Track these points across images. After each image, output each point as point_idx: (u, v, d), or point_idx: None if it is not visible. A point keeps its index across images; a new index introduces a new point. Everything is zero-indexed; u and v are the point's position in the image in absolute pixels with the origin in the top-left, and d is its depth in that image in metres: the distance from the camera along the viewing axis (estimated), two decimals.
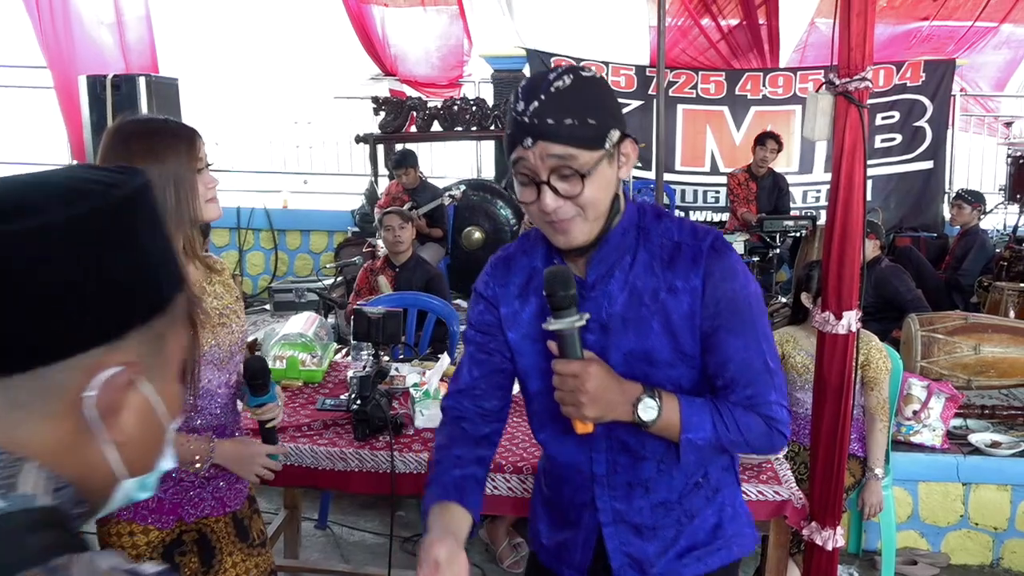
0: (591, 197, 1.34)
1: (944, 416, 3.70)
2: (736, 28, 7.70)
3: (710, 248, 1.43)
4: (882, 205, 7.58)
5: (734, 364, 1.43)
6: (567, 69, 1.36)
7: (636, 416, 1.37)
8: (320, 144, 8.92)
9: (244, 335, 1.96)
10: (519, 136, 1.33)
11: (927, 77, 7.67)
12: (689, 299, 1.41)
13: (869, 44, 1.99)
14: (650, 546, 1.54)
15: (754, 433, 1.43)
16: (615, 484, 1.52)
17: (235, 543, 1.96)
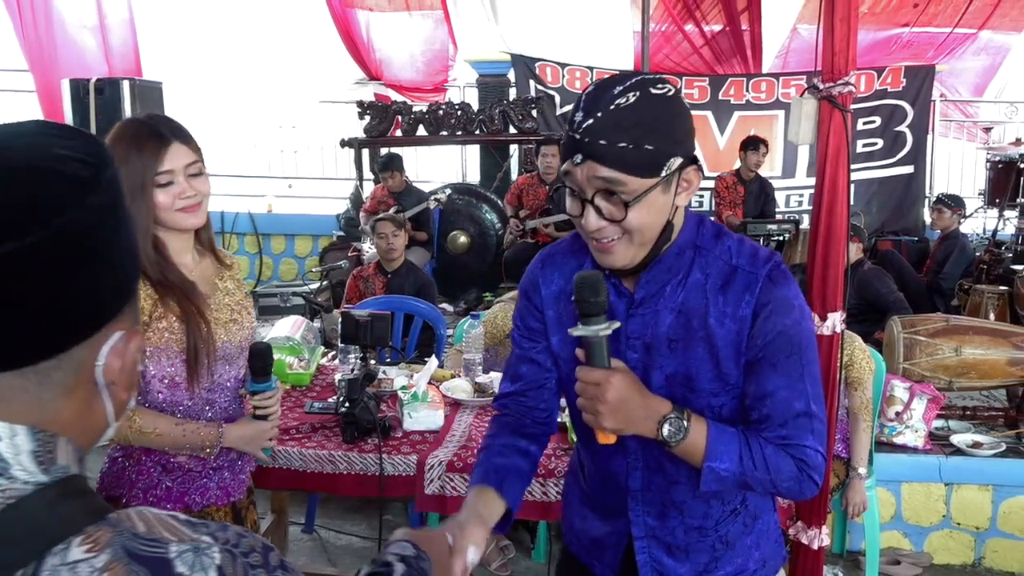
0: (636, 224, 1.28)
1: (926, 417, 3.74)
2: (719, 34, 7.77)
3: (767, 277, 1.35)
4: (864, 209, 7.66)
5: (773, 400, 1.35)
6: (637, 84, 1.26)
7: (659, 434, 1.31)
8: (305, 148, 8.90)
9: (252, 331, 1.99)
10: (570, 150, 1.28)
11: (907, 83, 7.76)
12: (737, 327, 1.35)
13: (852, 49, 2.02)
14: (682, 567, 1.50)
15: (783, 475, 1.34)
16: (650, 501, 1.48)
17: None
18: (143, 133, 1.75)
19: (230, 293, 1.93)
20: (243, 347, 1.93)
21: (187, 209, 1.78)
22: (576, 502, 1.64)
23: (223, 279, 1.94)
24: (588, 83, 8.08)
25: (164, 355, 1.80)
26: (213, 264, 1.94)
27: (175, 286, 1.79)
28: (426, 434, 2.60)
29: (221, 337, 1.86)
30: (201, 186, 1.81)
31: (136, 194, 1.71)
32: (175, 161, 1.75)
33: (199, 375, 1.81)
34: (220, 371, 1.89)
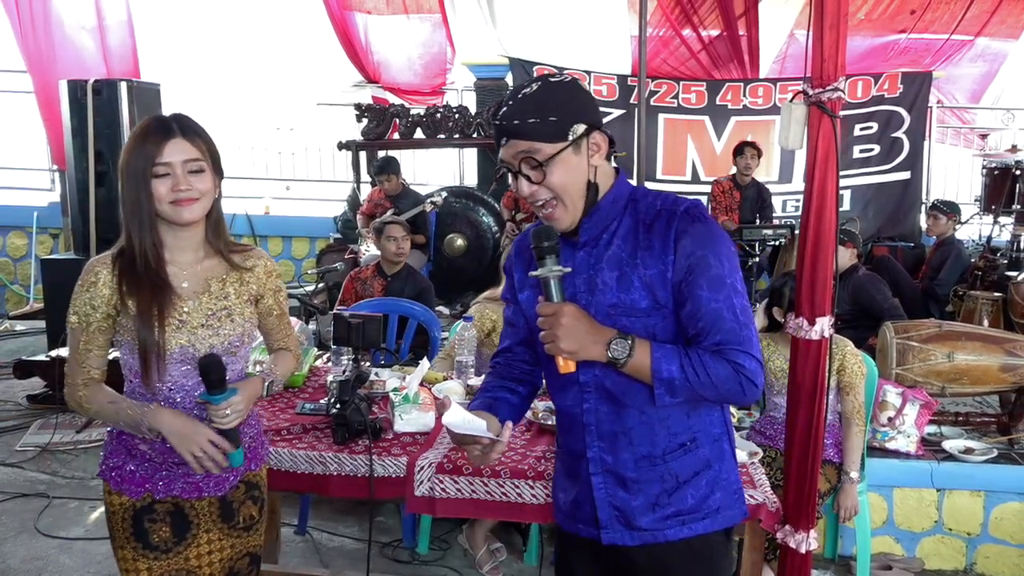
0: (557, 182, 1.58)
1: (918, 423, 3.75)
2: (717, 39, 7.78)
3: (684, 212, 1.60)
4: (860, 215, 7.68)
5: (704, 314, 1.56)
6: (539, 77, 1.63)
7: (609, 354, 1.53)
8: (302, 150, 8.90)
9: (239, 338, 1.95)
10: (496, 137, 1.62)
11: (904, 89, 7.78)
12: (663, 255, 1.58)
13: (842, 55, 2.03)
14: (634, 500, 1.66)
15: (721, 377, 1.54)
16: (602, 434, 1.67)
17: (215, 522, 1.98)
18: (152, 126, 1.83)
19: (220, 298, 1.92)
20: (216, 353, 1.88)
21: (180, 202, 1.81)
22: (559, 477, 1.84)
23: (225, 283, 1.93)
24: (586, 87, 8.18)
25: (127, 347, 1.88)
26: (221, 266, 1.94)
27: (146, 284, 1.83)
28: (417, 436, 2.60)
29: (180, 341, 1.86)
30: (199, 183, 1.83)
31: (138, 182, 1.81)
32: (174, 155, 1.80)
33: (150, 373, 1.84)
34: (179, 372, 1.88)
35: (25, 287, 8.26)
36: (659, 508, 1.65)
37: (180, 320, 1.85)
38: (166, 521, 1.93)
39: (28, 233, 8.25)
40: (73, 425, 4.83)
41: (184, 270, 1.89)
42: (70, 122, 5.82)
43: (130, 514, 1.91)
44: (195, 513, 1.96)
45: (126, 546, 1.92)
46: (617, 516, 1.68)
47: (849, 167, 7.89)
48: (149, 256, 1.84)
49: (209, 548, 1.97)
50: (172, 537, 1.93)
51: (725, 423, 1.74)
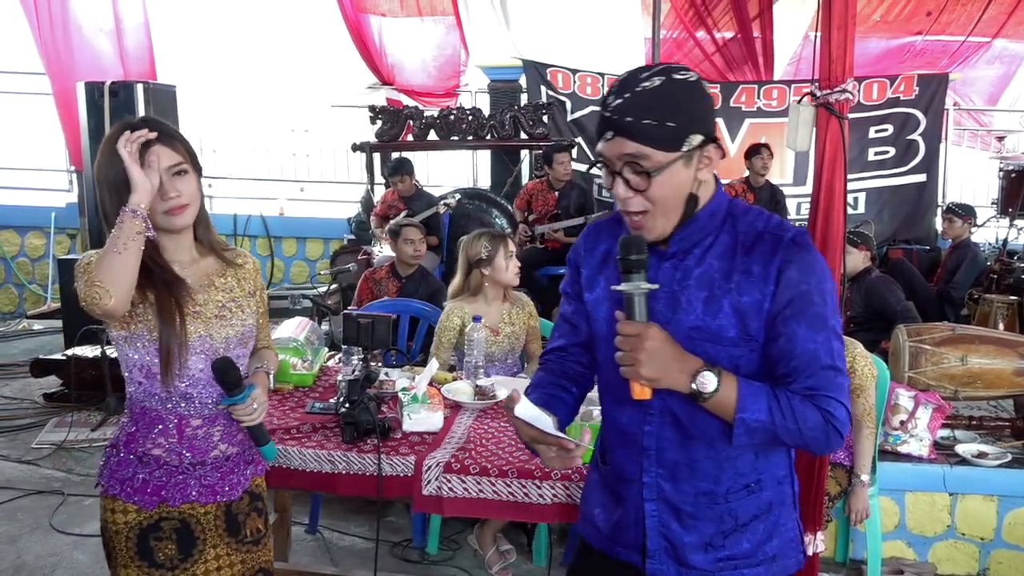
0: (658, 195, 1.43)
1: (931, 426, 3.72)
2: (731, 41, 7.77)
3: (791, 240, 1.47)
4: (875, 217, 7.63)
5: (799, 354, 1.45)
6: (662, 70, 1.43)
7: (693, 387, 1.40)
8: (317, 152, 8.95)
9: (248, 331, 1.98)
10: (602, 128, 1.45)
11: (920, 91, 7.73)
12: (762, 284, 1.46)
13: (850, 57, 2.03)
14: (688, 536, 1.55)
15: (810, 425, 1.43)
16: (663, 461, 1.55)
17: (222, 536, 1.95)
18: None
19: (226, 290, 1.95)
20: (229, 345, 1.93)
21: (172, 211, 1.82)
22: (595, 493, 1.71)
23: (225, 277, 1.96)
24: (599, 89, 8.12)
25: (140, 342, 1.84)
26: (216, 263, 1.97)
27: (157, 278, 1.83)
28: (425, 435, 2.61)
29: (199, 331, 1.87)
30: (184, 186, 1.82)
31: (120, 193, 1.76)
32: (161, 160, 1.79)
33: (171, 367, 1.83)
34: (198, 366, 1.88)
35: (43, 287, 8.34)
36: (712, 549, 1.55)
37: (195, 311, 1.87)
38: (171, 538, 1.89)
39: (46, 233, 8.34)
40: (88, 423, 4.88)
41: (185, 268, 1.91)
42: (87, 123, 5.89)
43: (135, 533, 1.88)
44: (201, 528, 1.92)
45: (130, 565, 1.89)
46: (667, 548, 1.57)
47: (864, 169, 7.85)
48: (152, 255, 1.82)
49: (218, 564, 1.94)
50: (178, 554, 1.90)
51: (790, 466, 1.63)
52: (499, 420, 2.78)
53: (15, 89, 8.67)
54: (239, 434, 1.99)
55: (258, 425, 1.93)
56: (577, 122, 8.00)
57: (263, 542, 2.04)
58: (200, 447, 1.92)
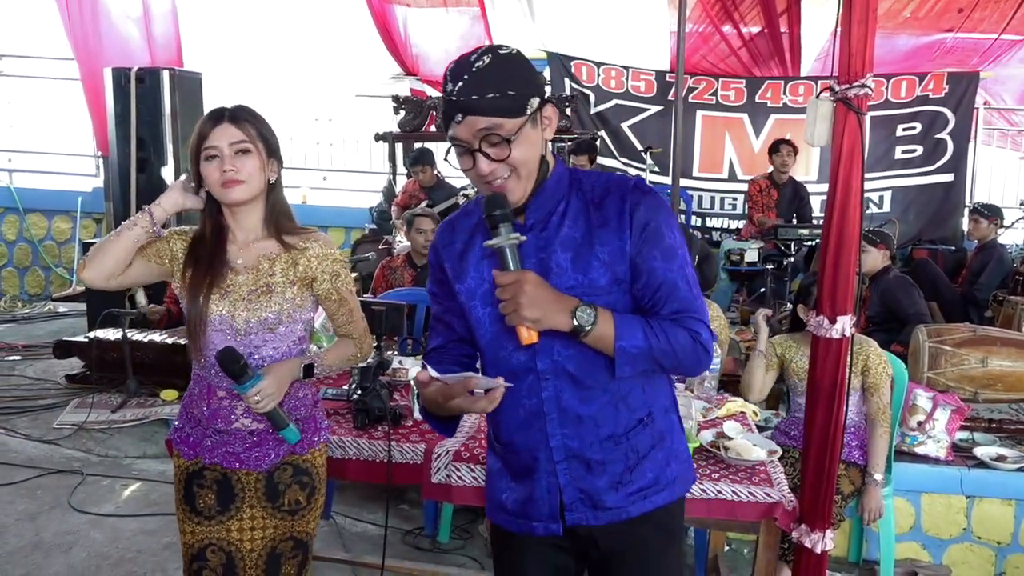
0: (520, 157, 1.53)
1: (949, 428, 3.68)
2: (758, 35, 7.69)
3: (634, 186, 1.61)
4: (901, 217, 7.55)
5: (660, 284, 1.58)
6: (486, 50, 1.54)
7: (574, 322, 1.50)
8: (340, 141, 8.99)
9: (276, 316, 2.01)
10: (451, 113, 1.53)
11: (950, 89, 7.62)
12: (619, 230, 1.58)
13: (869, 51, 2.00)
14: (600, 480, 1.65)
15: (681, 344, 1.55)
16: (565, 420, 1.63)
17: (260, 499, 2.05)
18: (208, 115, 1.99)
19: (266, 276, 2.00)
20: (251, 328, 2.00)
21: (226, 184, 1.94)
22: (499, 479, 1.76)
23: (274, 263, 2.02)
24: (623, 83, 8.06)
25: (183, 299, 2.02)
26: (275, 246, 2.03)
27: (205, 258, 1.99)
28: None
29: (220, 310, 1.98)
30: (242, 164, 1.94)
31: (194, 163, 1.98)
32: (221, 139, 1.94)
33: (195, 339, 1.98)
34: (220, 341, 1.98)
35: (68, 270, 8.46)
36: (622, 486, 1.65)
37: (224, 290, 1.98)
38: (212, 488, 2.04)
39: (72, 217, 8.45)
40: (108, 405, 4.94)
41: (241, 248, 2.02)
42: (114, 109, 5.95)
43: (184, 476, 2.06)
44: (241, 487, 2.04)
45: (179, 506, 2.08)
46: (582, 498, 1.66)
47: (890, 168, 7.76)
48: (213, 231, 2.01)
49: (252, 524, 2.05)
50: (216, 505, 2.03)
51: (672, 395, 1.76)
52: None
53: (44, 74, 8.79)
54: None
55: (271, 411, 1.98)
56: (601, 115, 7.98)
57: (301, 514, 2.10)
58: (224, 416, 2.04)
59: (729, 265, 6.56)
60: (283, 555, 2.09)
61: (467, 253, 1.68)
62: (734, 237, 7.30)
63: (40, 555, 3.51)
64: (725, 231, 7.93)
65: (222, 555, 2.03)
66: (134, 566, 3.44)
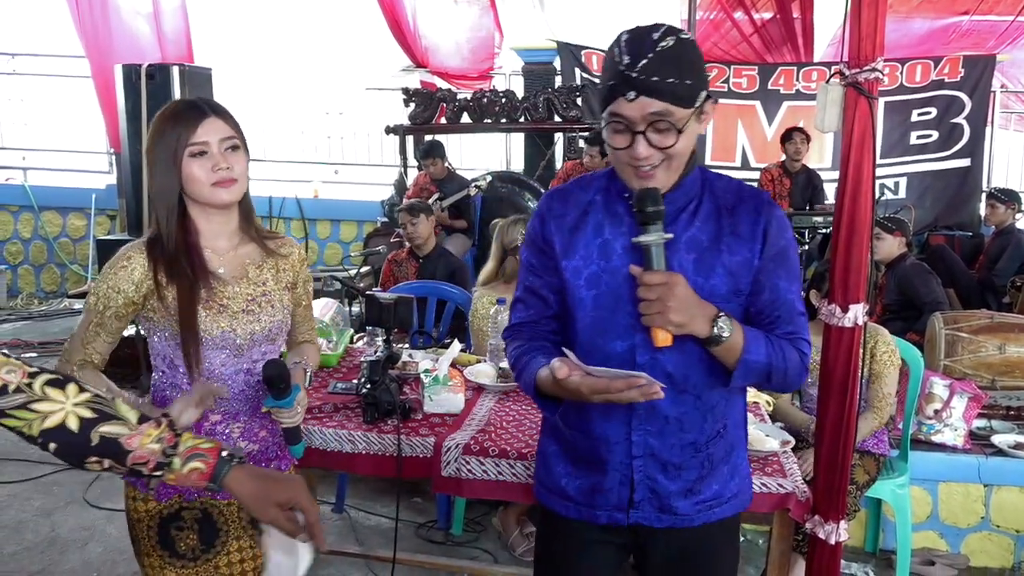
0: (680, 149, 1.50)
1: (967, 416, 3.64)
2: (770, 22, 7.61)
3: (768, 202, 1.61)
4: (917, 203, 7.47)
5: (782, 303, 1.59)
6: (669, 30, 1.48)
7: (714, 331, 1.48)
8: (351, 135, 8.98)
9: (277, 326, 1.90)
10: (622, 88, 1.46)
11: (966, 73, 7.52)
12: (751, 242, 1.57)
13: (880, 35, 1.97)
14: (672, 484, 1.65)
15: (792, 363, 1.58)
16: (652, 418, 1.61)
17: (245, 528, 1.88)
18: (181, 108, 1.78)
19: (258, 283, 1.86)
20: (255, 341, 1.85)
21: (222, 183, 1.76)
22: (556, 461, 1.74)
23: (262, 269, 1.88)
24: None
25: (161, 332, 1.80)
26: (257, 251, 1.89)
27: (184, 270, 1.77)
28: (446, 417, 2.61)
29: (222, 326, 1.79)
30: (236, 161, 1.79)
31: (168, 164, 1.74)
32: (210, 133, 1.75)
33: (190, 360, 1.77)
34: (221, 360, 1.82)
35: (83, 267, 8.51)
36: (692, 494, 1.65)
37: (221, 305, 1.79)
38: (193, 528, 1.83)
39: (87, 214, 8.49)
40: None
41: (221, 256, 1.84)
42: (125, 106, 5.95)
43: (156, 522, 1.83)
44: (224, 519, 1.86)
45: (152, 554, 1.84)
46: (651, 499, 1.65)
47: (906, 154, 7.68)
48: (184, 241, 1.78)
49: (241, 556, 1.88)
50: (200, 545, 1.84)
51: (744, 410, 1.75)
52: (521, 403, 2.77)
53: (55, 72, 8.82)
54: (261, 431, 1.92)
55: (296, 426, 1.87)
56: None
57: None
58: None
59: None
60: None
61: (578, 230, 1.62)
62: None
63: (56, 550, 3.54)
64: None
65: None
66: None
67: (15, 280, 8.55)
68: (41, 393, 1.28)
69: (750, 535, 3.73)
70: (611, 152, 1.53)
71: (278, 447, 1.96)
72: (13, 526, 3.72)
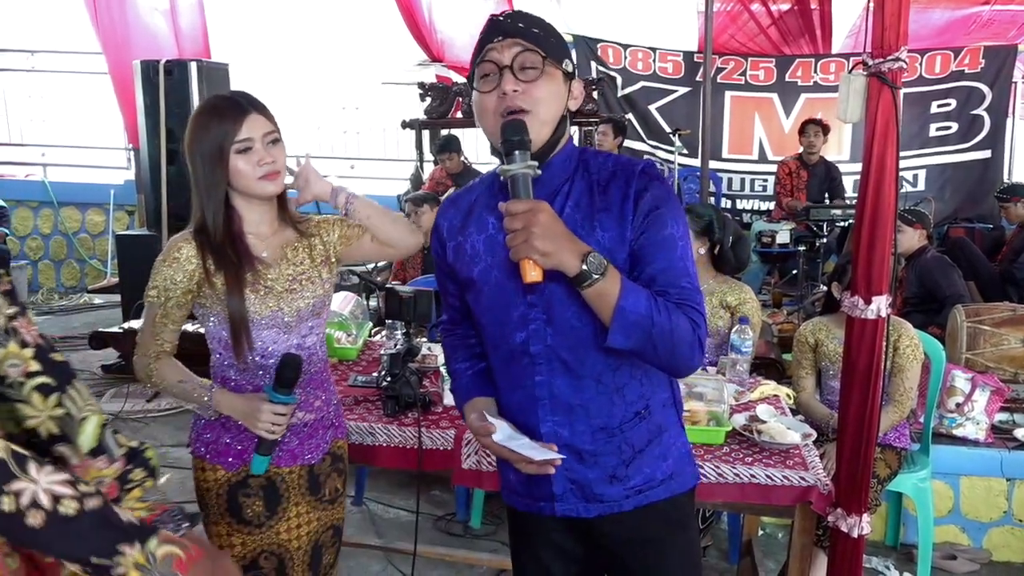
0: (543, 96, 1.50)
1: (988, 409, 3.62)
2: (787, 13, 7.54)
3: (641, 171, 1.54)
4: (936, 195, 7.41)
5: (661, 271, 1.50)
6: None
7: (584, 266, 1.38)
8: (367, 130, 9.00)
9: (320, 301, 2.02)
10: (491, 37, 1.51)
11: (987, 63, 7.44)
12: (623, 215, 1.51)
13: (904, 24, 1.95)
14: (591, 472, 1.60)
15: (680, 329, 1.45)
16: (556, 408, 1.58)
17: (303, 495, 2.01)
18: (223, 105, 1.89)
19: (297, 264, 1.98)
20: (301, 316, 1.97)
21: (268, 176, 1.88)
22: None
23: (297, 251, 2.00)
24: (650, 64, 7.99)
25: (215, 317, 1.93)
26: (293, 235, 2.02)
27: (230, 257, 1.89)
28: None
29: (270, 306, 1.92)
30: (279, 154, 1.91)
31: (214, 161, 1.86)
32: (253, 129, 1.86)
33: (241, 344, 1.90)
34: (273, 338, 1.94)
35: (103, 262, 8.58)
36: (617, 480, 1.60)
37: (267, 287, 1.92)
38: (259, 495, 1.96)
39: (106, 210, 8.56)
40: (144, 394, 5.01)
41: (262, 241, 1.96)
42: (143, 102, 5.99)
43: (224, 489, 1.95)
44: (285, 486, 1.98)
45: (220, 521, 1.96)
46: (573, 490, 1.62)
47: (925, 146, 7.61)
48: (229, 231, 1.91)
49: (298, 522, 2.00)
50: (264, 511, 1.96)
51: (672, 390, 1.69)
52: None
53: (75, 69, 8.89)
54: (316, 401, 2.04)
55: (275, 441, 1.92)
56: (628, 98, 7.90)
57: (339, 501, 2.12)
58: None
59: (760, 247, 6.48)
60: (324, 545, 2.08)
61: (464, 229, 1.63)
62: (765, 219, 7.21)
63: None
64: (755, 213, 7.83)
65: (274, 559, 1.97)
66: None
67: (35, 275, 8.64)
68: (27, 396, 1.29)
69: (769, 528, 3.72)
70: (479, 108, 1.54)
71: (333, 415, 2.10)
72: None
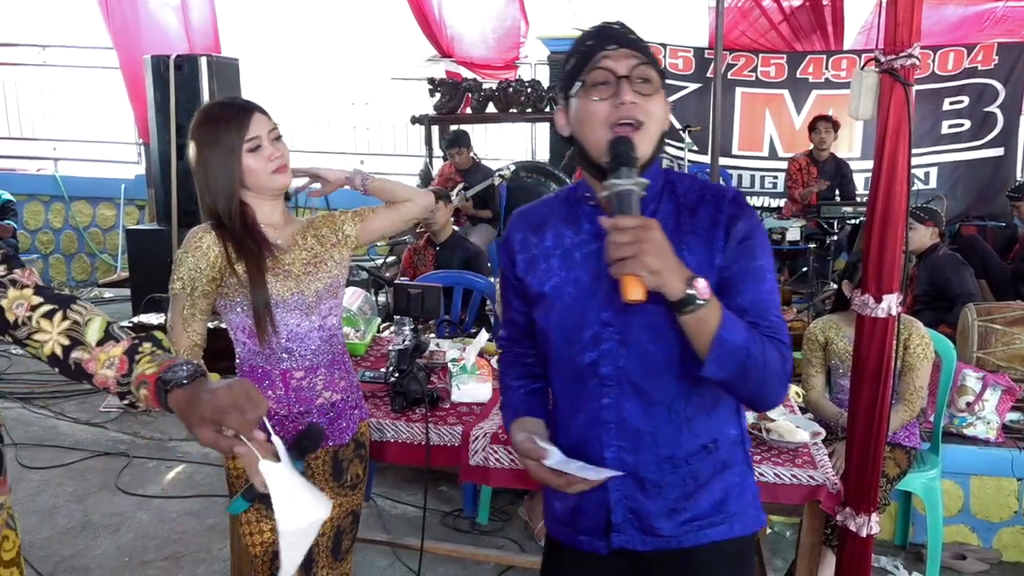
0: (656, 111, 1.44)
1: (1000, 409, 3.59)
2: (799, 9, 7.50)
3: (732, 199, 1.49)
4: (948, 193, 7.35)
5: (751, 302, 1.45)
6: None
7: (689, 291, 1.31)
8: (377, 125, 9.01)
9: (335, 280, 2.09)
10: (605, 42, 1.44)
11: (1000, 60, 7.38)
12: (712, 241, 1.46)
13: (917, 20, 1.93)
14: (653, 503, 1.52)
15: (772, 361, 1.40)
16: (624, 432, 1.51)
17: (327, 480, 2.07)
18: (227, 110, 1.98)
19: (310, 248, 2.07)
20: (321, 296, 2.04)
21: (278, 170, 1.98)
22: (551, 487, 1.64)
23: (306, 238, 2.09)
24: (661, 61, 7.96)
25: (239, 307, 1.98)
26: (299, 224, 2.12)
27: (250, 246, 1.96)
28: (473, 406, 2.62)
29: (291, 288, 2.00)
30: (284, 149, 2.01)
31: (227, 161, 1.95)
32: (259, 127, 1.97)
33: (265, 331, 1.96)
34: (296, 320, 2.01)
35: (113, 256, 8.61)
36: (675, 514, 1.53)
37: (285, 271, 2.00)
38: None
39: (116, 204, 8.59)
40: None
41: (276, 230, 2.06)
42: (153, 97, 6.01)
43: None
44: (311, 473, 2.04)
45: (248, 508, 1.94)
46: (632, 520, 1.54)
47: (937, 143, 7.56)
48: (244, 224, 1.99)
49: None
50: None
51: (742, 427, 1.61)
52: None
53: (85, 63, 8.92)
54: (341, 381, 2.10)
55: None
56: None
57: (359, 487, 2.17)
58: (306, 396, 2.04)
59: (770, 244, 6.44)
60: (344, 531, 2.14)
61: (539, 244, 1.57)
62: (775, 216, 7.18)
63: (88, 535, 3.59)
64: (766, 210, 7.80)
65: None
66: (179, 546, 3.50)
67: (46, 269, 8.68)
68: (37, 325, 1.35)
69: (778, 527, 3.70)
70: (584, 116, 1.44)
71: (359, 396, 2.17)
72: (46, 511, 3.78)
